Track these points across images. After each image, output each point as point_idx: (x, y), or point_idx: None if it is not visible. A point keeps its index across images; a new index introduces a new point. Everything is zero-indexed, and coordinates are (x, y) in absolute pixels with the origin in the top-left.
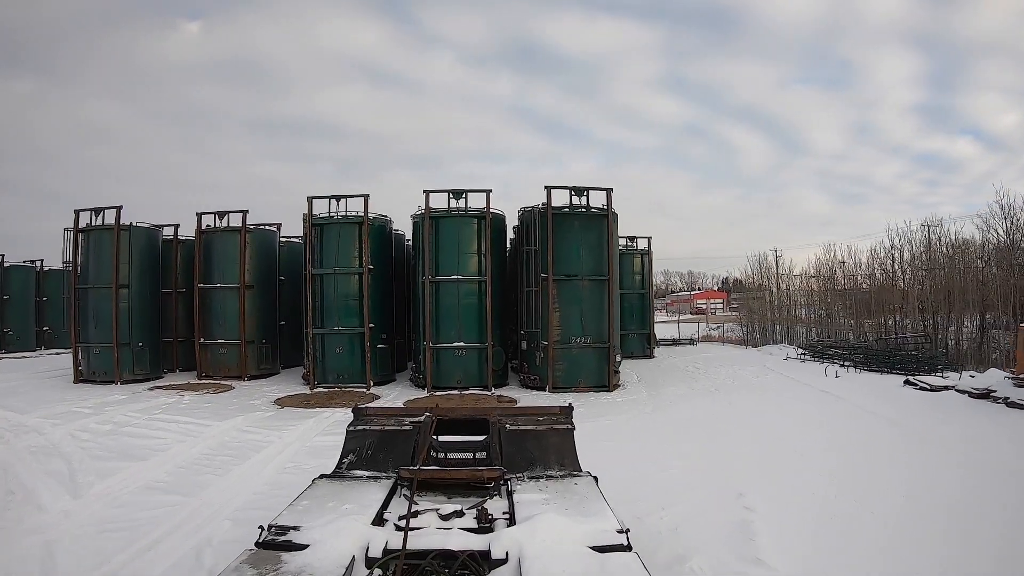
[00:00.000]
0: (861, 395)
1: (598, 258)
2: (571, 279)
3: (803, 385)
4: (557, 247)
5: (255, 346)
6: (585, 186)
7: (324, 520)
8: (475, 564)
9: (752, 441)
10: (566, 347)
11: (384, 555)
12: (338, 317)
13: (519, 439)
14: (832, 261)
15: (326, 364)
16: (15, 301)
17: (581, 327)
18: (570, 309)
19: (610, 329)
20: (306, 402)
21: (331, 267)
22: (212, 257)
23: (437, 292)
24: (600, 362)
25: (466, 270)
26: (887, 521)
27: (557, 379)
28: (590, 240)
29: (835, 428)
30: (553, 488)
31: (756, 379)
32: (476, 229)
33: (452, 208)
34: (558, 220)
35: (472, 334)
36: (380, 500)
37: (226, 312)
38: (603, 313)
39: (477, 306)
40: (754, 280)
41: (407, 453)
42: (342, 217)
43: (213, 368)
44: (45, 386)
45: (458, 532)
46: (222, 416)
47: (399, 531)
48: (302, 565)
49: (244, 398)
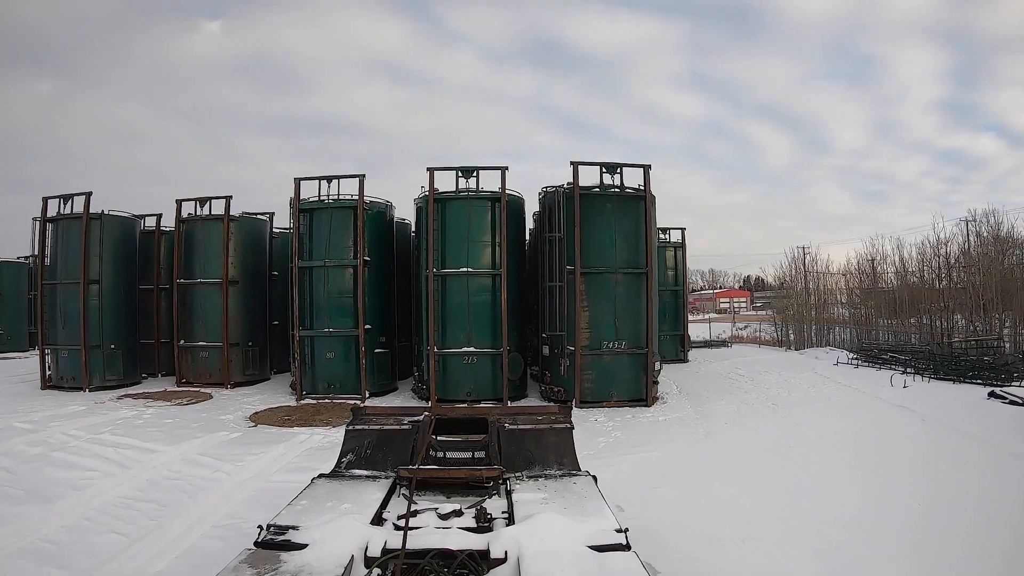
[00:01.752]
0: (946, 412)
1: (634, 247)
2: (602, 272)
3: (872, 398)
4: (586, 234)
5: (240, 349)
6: (618, 162)
7: (323, 520)
8: (474, 563)
9: (846, 484)
10: (596, 353)
11: (383, 555)
12: (329, 317)
13: (518, 438)
14: (873, 255)
15: (316, 371)
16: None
17: (614, 329)
18: (601, 308)
19: (649, 332)
20: (286, 418)
21: (321, 259)
22: (193, 249)
23: (443, 288)
24: (636, 371)
25: (477, 262)
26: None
27: (585, 392)
28: (625, 226)
29: (947, 463)
30: (552, 487)
31: (813, 389)
32: (489, 214)
33: (461, 189)
34: (587, 202)
35: (484, 337)
36: (379, 499)
37: (207, 311)
38: (640, 313)
39: (490, 304)
40: (790, 278)
41: (406, 452)
42: (334, 201)
43: (194, 374)
44: (6, 393)
45: (457, 531)
46: (177, 438)
47: (398, 530)
48: (301, 565)
49: (216, 411)
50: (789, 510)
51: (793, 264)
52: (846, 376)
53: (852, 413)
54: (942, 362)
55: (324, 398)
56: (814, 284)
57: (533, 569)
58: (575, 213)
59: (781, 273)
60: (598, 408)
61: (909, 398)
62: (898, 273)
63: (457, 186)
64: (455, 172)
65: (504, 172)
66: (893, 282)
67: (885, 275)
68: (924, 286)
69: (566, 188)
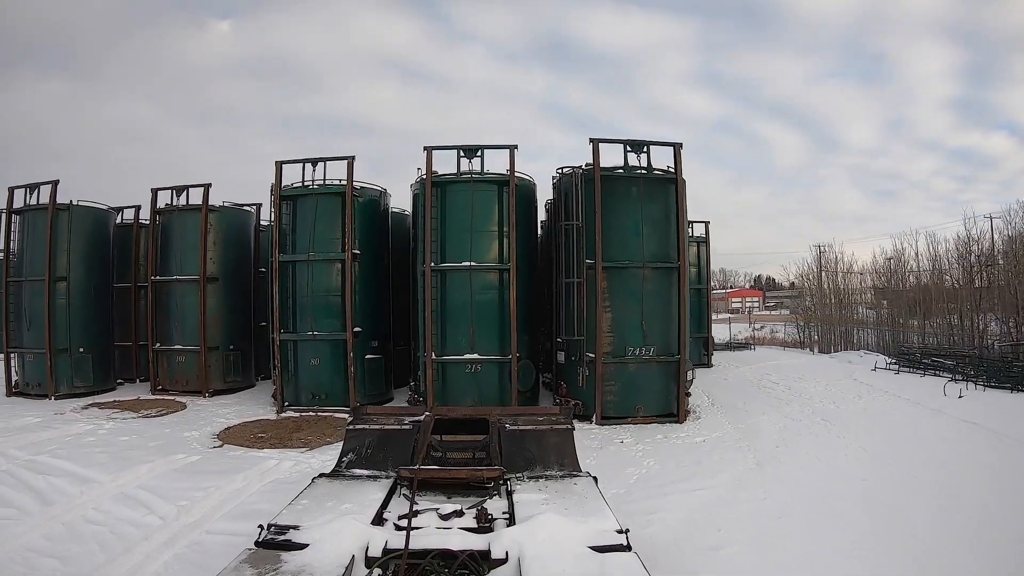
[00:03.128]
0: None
1: (664, 237)
2: (627, 267)
3: (931, 411)
4: (608, 222)
5: (220, 354)
6: (645, 140)
7: (324, 519)
8: (475, 564)
9: (964, 547)
10: (620, 361)
11: (384, 555)
12: (314, 318)
13: (519, 439)
14: (901, 253)
15: (299, 380)
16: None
17: (641, 333)
18: (626, 308)
19: (680, 336)
20: (259, 436)
21: (305, 252)
22: (170, 243)
23: (443, 285)
24: (666, 382)
25: (482, 255)
26: None
27: (607, 406)
28: (653, 213)
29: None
30: (553, 488)
31: (861, 401)
32: (496, 200)
33: (463, 172)
34: (609, 186)
35: (490, 342)
36: (380, 499)
37: (184, 311)
38: (671, 314)
39: (497, 304)
40: (813, 276)
41: (406, 453)
42: (320, 187)
43: (170, 380)
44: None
45: (458, 532)
46: (125, 462)
47: (399, 531)
48: (302, 565)
49: (183, 426)
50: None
51: (816, 262)
52: (889, 383)
53: (918, 432)
54: (993, 368)
55: (308, 410)
56: (840, 283)
57: (534, 570)
58: (595, 198)
59: (803, 272)
60: (622, 425)
61: (972, 411)
62: (930, 271)
63: (459, 168)
64: (456, 152)
65: (513, 151)
66: (922, 281)
67: (913, 273)
68: (956, 285)
69: (585, 169)
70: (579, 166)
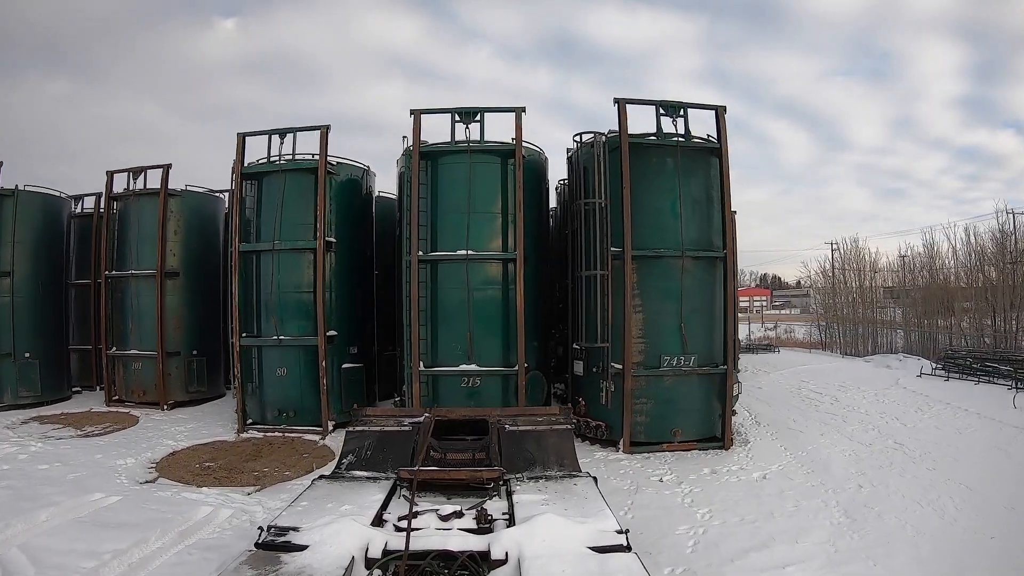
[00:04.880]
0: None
1: (705, 221)
2: (663, 256)
3: (1015, 429)
4: (639, 201)
5: (181, 360)
6: (681, 102)
7: (323, 521)
8: (475, 564)
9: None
10: (654, 374)
11: (384, 556)
12: (281, 319)
13: (518, 440)
14: (930, 250)
15: (264, 393)
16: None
17: (679, 339)
18: (661, 308)
19: (727, 341)
20: (206, 466)
21: (269, 241)
22: (127, 233)
23: (434, 280)
24: (708, 398)
25: (482, 243)
26: None
27: (638, 428)
28: (692, 190)
29: None
30: (552, 489)
31: (926, 416)
32: (499, 174)
33: (459, 140)
34: (640, 156)
35: (492, 350)
36: (379, 501)
37: (141, 311)
38: (714, 314)
39: (500, 303)
40: (840, 273)
41: (406, 454)
42: (287, 162)
43: (126, 390)
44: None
45: (458, 533)
46: (30, 501)
47: (399, 532)
48: (302, 566)
49: (122, 449)
50: None
51: (842, 258)
52: (944, 392)
53: (1013, 458)
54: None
55: (274, 430)
56: (866, 281)
57: (534, 570)
58: (623, 170)
59: (823, 268)
60: (655, 452)
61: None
62: (967, 267)
63: (453, 135)
64: (450, 116)
65: (520, 115)
66: (959, 277)
67: (945, 270)
68: (991, 282)
69: (608, 136)
70: (601, 134)
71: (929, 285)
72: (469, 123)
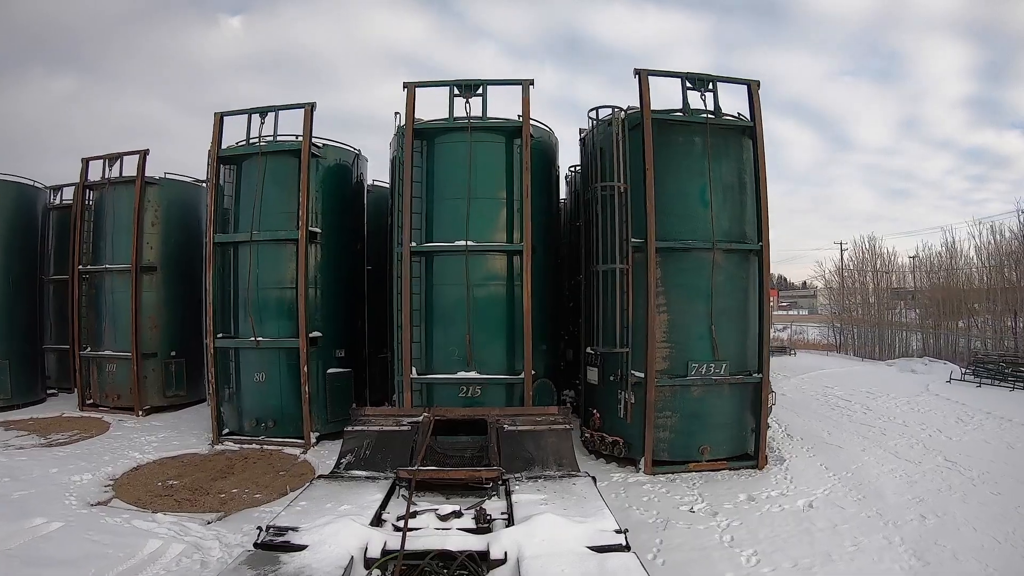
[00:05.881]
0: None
1: (738, 209)
2: (691, 248)
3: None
4: (662, 186)
5: (159, 361)
6: (710, 74)
7: (322, 521)
8: (474, 564)
9: None
10: (680, 383)
11: (382, 556)
12: (259, 319)
13: (517, 440)
14: (951, 249)
15: (241, 401)
16: None
17: (709, 343)
18: (689, 307)
19: (762, 346)
20: (169, 484)
21: (247, 231)
22: (102, 225)
23: (428, 275)
24: (740, 411)
25: (484, 233)
26: None
27: (661, 445)
28: (724, 174)
29: None
30: (551, 488)
31: (968, 428)
32: (504, 156)
33: (458, 117)
34: (664, 135)
35: (494, 355)
36: (378, 500)
37: (116, 309)
38: (748, 315)
39: (505, 302)
40: (858, 273)
41: (405, 453)
42: (267, 144)
43: (101, 393)
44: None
45: (456, 532)
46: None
47: (397, 531)
48: (300, 566)
49: (82, 462)
50: None
51: (860, 257)
52: (979, 400)
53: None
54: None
55: (251, 441)
56: (883, 282)
57: (533, 570)
58: (644, 150)
59: (837, 268)
60: (680, 473)
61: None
62: (991, 267)
63: (452, 110)
64: (448, 89)
65: (527, 88)
66: (978, 278)
67: (962, 270)
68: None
69: (628, 113)
70: (620, 110)
71: (947, 286)
72: (470, 97)
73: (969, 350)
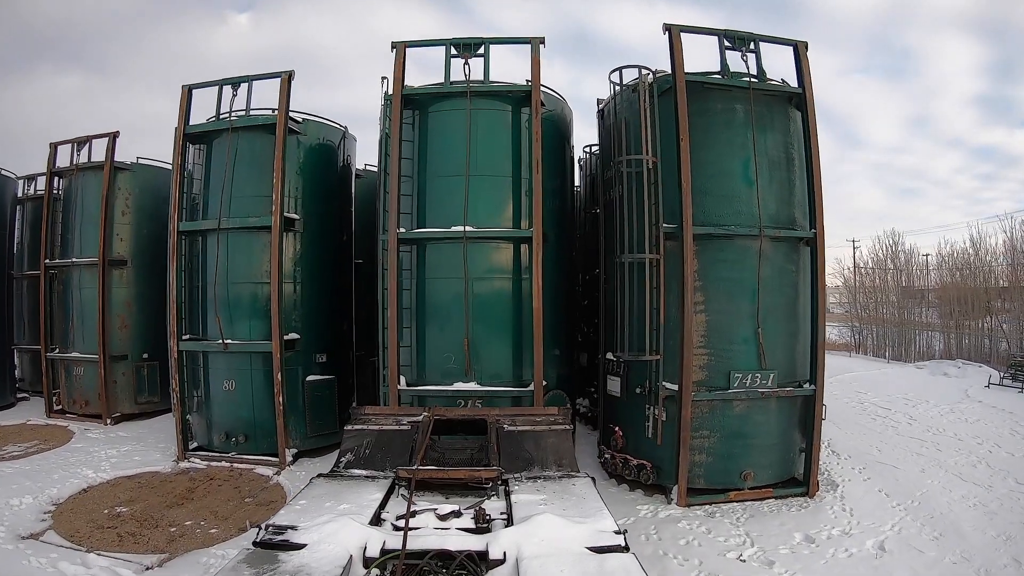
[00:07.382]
0: None
1: (786, 190)
2: (733, 236)
3: None
4: (698, 161)
5: (129, 365)
6: (753, 33)
7: (322, 520)
8: (473, 564)
9: None
10: (720, 397)
11: (381, 555)
12: (229, 318)
13: (517, 440)
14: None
15: (210, 412)
16: None
17: (755, 349)
18: (730, 306)
19: (816, 353)
20: (115, 513)
21: (215, 217)
22: (69, 215)
23: (420, 267)
24: (788, 429)
25: (486, 217)
26: None
27: (697, 471)
28: (769, 148)
29: None
30: (551, 489)
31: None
32: (510, 127)
33: (456, 81)
34: (699, 102)
35: (498, 362)
36: (378, 500)
37: (83, 306)
38: (799, 315)
39: (510, 299)
40: (881, 270)
41: (405, 453)
42: (239, 118)
43: (68, 399)
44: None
45: (456, 532)
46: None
47: (397, 531)
48: (299, 565)
49: (29, 480)
50: None
51: (884, 254)
52: None
53: None
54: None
55: (221, 458)
56: (906, 281)
57: (532, 570)
58: (678, 118)
59: (854, 267)
60: (719, 503)
61: None
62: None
63: (448, 74)
64: (445, 48)
65: (537, 47)
66: (1006, 276)
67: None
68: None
69: (657, 76)
70: (647, 72)
71: (969, 285)
72: (470, 58)
73: (996, 351)
